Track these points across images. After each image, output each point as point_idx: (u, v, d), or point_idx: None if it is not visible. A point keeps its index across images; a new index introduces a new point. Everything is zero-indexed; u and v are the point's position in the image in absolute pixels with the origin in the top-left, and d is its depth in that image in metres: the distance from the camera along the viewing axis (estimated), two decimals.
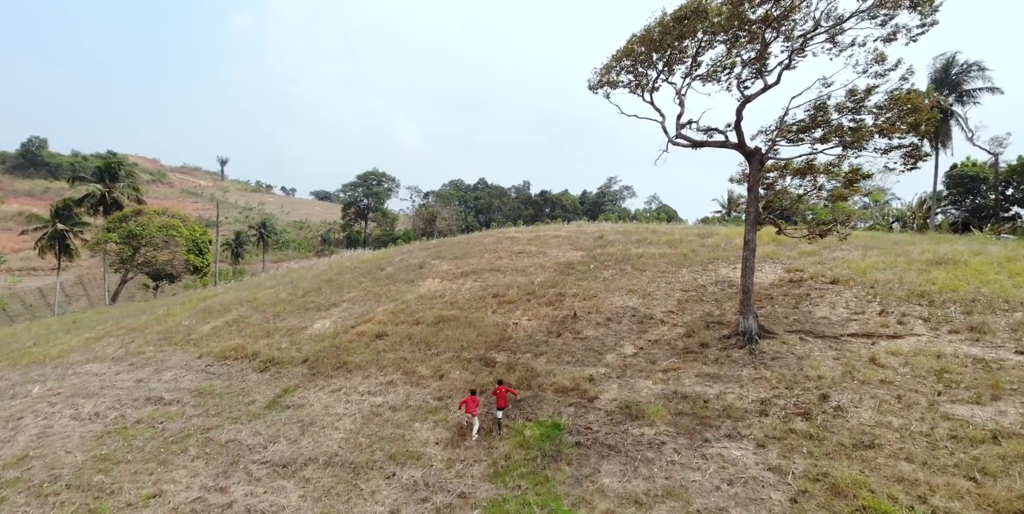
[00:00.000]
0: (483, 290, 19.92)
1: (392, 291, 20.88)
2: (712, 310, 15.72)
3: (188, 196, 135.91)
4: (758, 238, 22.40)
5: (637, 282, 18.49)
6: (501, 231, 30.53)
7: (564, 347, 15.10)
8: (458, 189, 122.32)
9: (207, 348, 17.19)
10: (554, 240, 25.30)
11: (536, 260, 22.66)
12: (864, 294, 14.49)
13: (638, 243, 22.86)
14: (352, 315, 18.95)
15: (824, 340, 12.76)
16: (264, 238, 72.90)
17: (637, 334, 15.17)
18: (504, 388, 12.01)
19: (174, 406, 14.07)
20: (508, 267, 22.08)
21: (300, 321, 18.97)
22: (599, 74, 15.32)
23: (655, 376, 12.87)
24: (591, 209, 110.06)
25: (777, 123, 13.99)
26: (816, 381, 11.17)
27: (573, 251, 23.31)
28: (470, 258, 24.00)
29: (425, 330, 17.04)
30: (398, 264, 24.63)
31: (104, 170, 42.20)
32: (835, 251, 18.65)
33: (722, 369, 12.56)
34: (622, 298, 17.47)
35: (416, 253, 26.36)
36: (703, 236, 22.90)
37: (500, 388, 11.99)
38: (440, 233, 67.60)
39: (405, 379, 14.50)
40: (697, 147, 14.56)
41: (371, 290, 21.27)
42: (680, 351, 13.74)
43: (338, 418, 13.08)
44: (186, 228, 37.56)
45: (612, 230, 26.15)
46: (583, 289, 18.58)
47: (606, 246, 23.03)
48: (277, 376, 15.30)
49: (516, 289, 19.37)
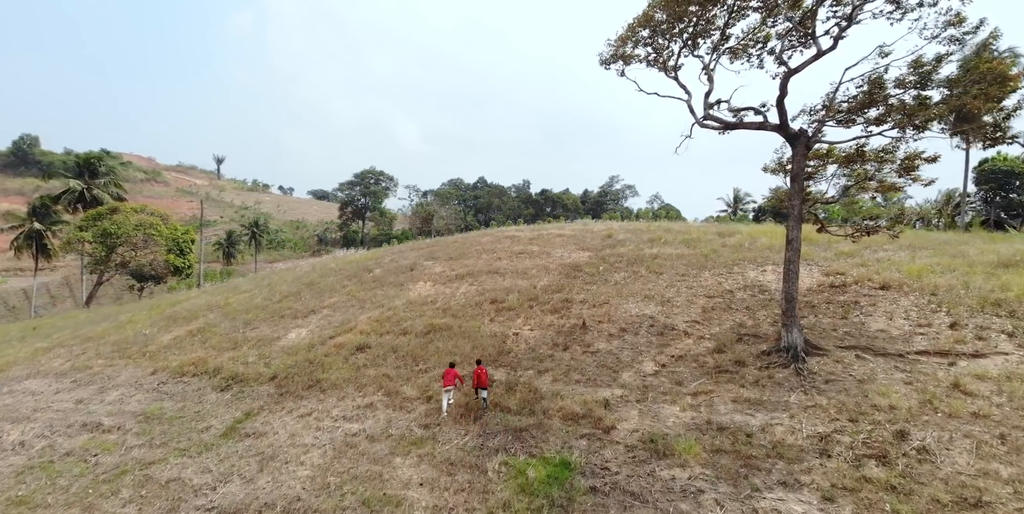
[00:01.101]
0: (480, 295, 17.81)
1: (378, 296, 18.77)
2: (744, 320, 13.61)
3: (183, 195, 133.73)
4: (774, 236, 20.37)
5: (654, 287, 16.38)
6: (500, 230, 28.42)
7: (572, 363, 13.00)
8: (457, 188, 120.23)
9: (163, 362, 15.07)
10: (558, 239, 23.19)
11: (539, 261, 20.56)
12: (925, 303, 12.37)
13: (651, 243, 20.75)
14: (331, 324, 16.84)
15: (887, 359, 10.64)
16: (256, 238, 70.65)
17: (658, 348, 13.06)
18: (484, 368, 11.51)
19: (113, 434, 11.96)
20: (508, 269, 19.98)
21: (273, 330, 16.85)
22: (613, 46, 13.21)
23: (683, 401, 10.77)
24: (593, 208, 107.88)
25: (825, 101, 11.87)
26: (888, 412, 9.06)
27: (579, 251, 21.20)
28: (466, 259, 21.90)
29: (413, 341, 14.94)
30: (387, 266, 22.51)
31: (83, 165, 40.02)
32: (877, 252, 16.54)
33: (764, 393, 10.46)
34: (637, 305, 15.36)
35: (407, 254, 24.24)
36: (723, 235, 20.79)
37: (480, 368, 11.43)
38: (438, 232, 65.48)
39: (387, 401, 12.40)
40: (728, 130, 12.46)
41: (355, 295, 19.15)
42: (711, 370, 11.63)
43: (305, 450, 10.97)
44: (166, 227, 35.41)
45: (621, 228, 24.04)
46: (592, 294, 16.48)
47: (616, 246, 20.92)
48: (239, 396, 13.18)
49: (517, 294, 17.27)
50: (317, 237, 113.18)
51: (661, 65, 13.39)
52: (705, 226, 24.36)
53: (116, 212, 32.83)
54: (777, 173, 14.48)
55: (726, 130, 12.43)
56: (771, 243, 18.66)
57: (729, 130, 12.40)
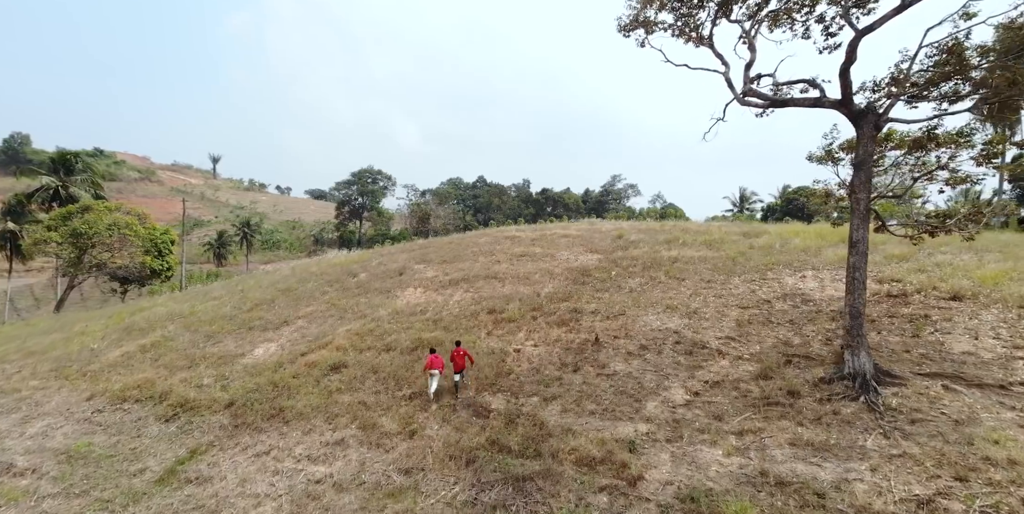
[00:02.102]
0: (476, 304, 15.66)
1: (361, 305, 16.60)
2: (788, 337, 11.46)
3: (177, 194, 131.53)
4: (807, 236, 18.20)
5: (676, 295, 14.23)
6: (499, 230, 26.23)
7: (585, 388, 10.85)
8: (456, 187, 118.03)
9: (105, 384, 12.92)
10: (563, 240, 21.04)
11: (542, 265, 18.41)
12: (1015, 317, 10.22)
13: (668, 244, 18.60)
14: (305, 337, 14.68)
15: (985, 391, 8.49)
16: (248, 238, 68.40)
17: (687, 371, 10.91)
18: (463, 350, 11.10)
19: (26, 478, 9.80)
20: (508, 274, 17.82)
21: (238, 345, 14.69)
22: (634, 8, 11.04)
23: (726, 442, 8.62)
24: (595, 208, 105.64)
25: (895, 73, 9.70)
26: (1008, 469, 6.90)
27: (587, 254, 19.05)
28: (461, 262, 19.74)
29: (397, 360, 12.78)
30: (374, 270, 20.35)
31: (58, 162, 37.78)
32: (933, 254, 14.39)
33: (831, 434, 8.30)
34: (659, 317, 13.21)
35: (397, 256, 22.07)
36: (749, 235, 18.64)
37: (459, 350, 11.03)
38: (435, 232, 63.32)
39: (362, 436, 10.24)
40: (773, 108, 10.31)
41: (336, 303, 16.98)
42: (757, 401, 9.47)
43: (256, 503, 8.82)
44: (144, 227, 33.21)
45: (632, 228, 21.89)
46: (605, 304, 14.33)
47: (628, 248, 18.77)
48: (186, 429, 11.02)
49: (518, 303, 15.12)
50: (313, 237, 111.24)
51: (689, 34, 11.23)
52: (727, 226, 22.24)
53: (88, 211, 30.66)
54: (824, 162, 12.33)
55: (771, 108, 10.27)
56: (806, 245, 16.52)
57: (774, 108, 10.25)
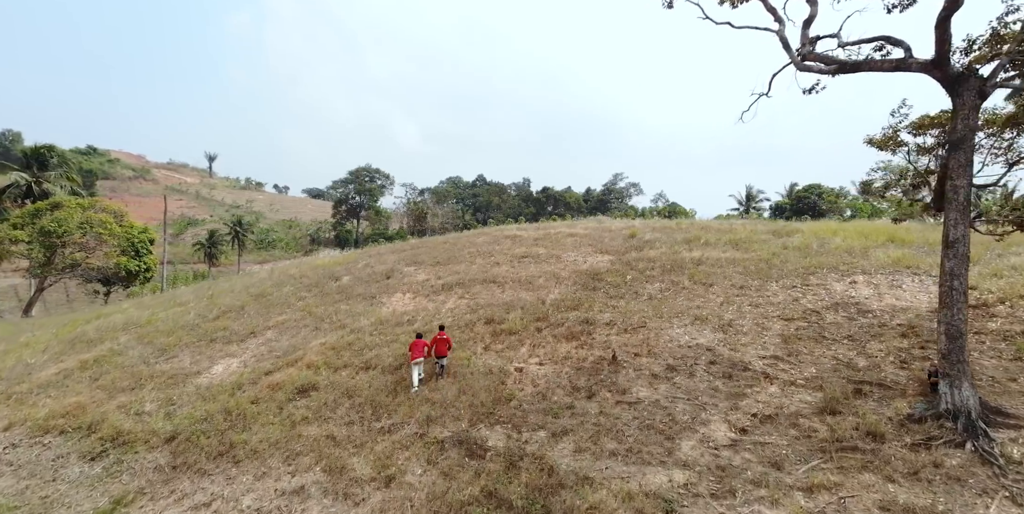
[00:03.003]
0: (472, 312, 13.65)
1: (341, 313, 14.57)
2: (849, 356, 9.44)
3: (172, 193, 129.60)
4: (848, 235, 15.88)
5: (704, 303, 12.22)
6: (499, 228, 24.19)
7: (603, 421, 8.83)
8: (456, 186, 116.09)
9: (28, 410, 10.90)
10: (569, 240, 19.01)
11: (547, 267, 16.39)
12: None
13: (688, 244, 16.58)
14: (273, 352, 12.66)
15: None
16: (239, 237, 66.24)
17: (728, 399, 8.88)
18: (446, 336, 10.86)
19: None
20: (508, 277, 15.80)
21: (194, 361, 12.66)
22: None
23: (792, 501, 6.61)
24: (596, 207, 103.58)
25: (997, 27, 7.66)
26: None
27: (597, 255, 17.03)
28: (456, 264, 17.71)
29: (376, 381, 10.76)
30: (359, 272, 18.30)
31: (31, 156, 35.74)
32: (1006, 256, 12.37)
33: (936, 496, 6.28)
34: (686, 330, 11.20)
35: (386, 257, 20.02)
36: (779, 234, 16.60)
37: (442, 334, 10.80)
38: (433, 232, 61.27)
39: (326, 483, 8.22)
40: (841, 74, 8.26)
41: (312, 311, 14.95)
42: (826, 444, 7.45)
43: None
44: (120, 225, 31.08)
45: (646, 227, 19.86)
46: (621, 313, 12.31)
47: (643, 248, 16.75)
48: (114, 471, 9.00)
49: (520, 312, 13.11)
50: (310, 237, 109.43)
51: None
52: (752, 224, 20.19)
53: (58, 208, 28.57)
54: (886, 148, 10.27)
55: (838, 74, 8.23)
56: (848, 245, 14.50)
57: (842, 74, 8.21)
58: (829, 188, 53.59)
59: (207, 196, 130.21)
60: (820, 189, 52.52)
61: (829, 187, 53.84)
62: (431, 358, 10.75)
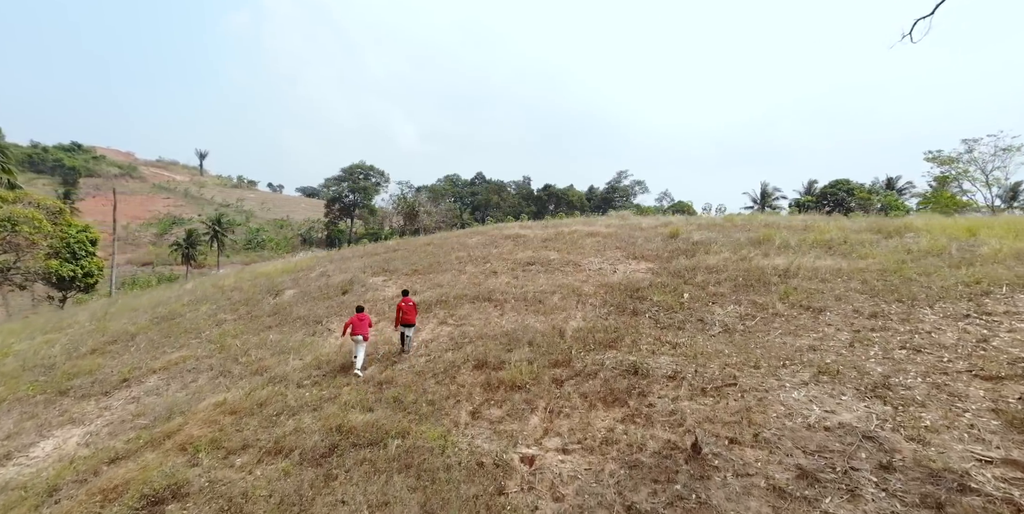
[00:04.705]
0: (455, 348, 9.10)
1: (266, 347, 10.01)
2: None
3: (159, 191, 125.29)
4: (998, 233, 11.19)
5: (821, 342, 7.65)
6: (497, 227, 19.52)
7: None
8: (454, 184, 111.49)
9: None
10: (589, 241, 14.42)
11: (562, 278, 11.82)
12: None
13: (758, 247, 11.99)
14: (141, 416, 8.10)
15: None
16: (219, 237, 61.48)
17: None
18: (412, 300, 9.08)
19: None
20: (509, 293, 11.24)
21: (12, 432, 8.10)
22: None
23: None
24: (600, 206, 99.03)
25: None
26: None
27: (631, 261, 12.46)
28: (439, 273, 13.15)
29: (291, 482, 6.19)
30: (309, 284, 13.72)
31: None
32: None
33: None
34: (811, 393, 6.63)
35: (351, 263, 15.42)
36: (884, 233, 11.99)
37: (406, 300, 9.00)
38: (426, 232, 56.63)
39: None
40: None
41: (226, 343, 10.40)
42: None
43: None
44: (55, 224, 26.56)
45: (689, 224, 15.26)
46: (687, 356, 7.74)
47: (694, 252, 12.17)
48: None
49: (528, 350, 8.57)
50: (300, 237, 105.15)
51: None
52: (840, 220, 15.51)
53: None
54: None
55: None
56: (1017, 248, 9.89)
57: None
58: (859, 184, 48.97)
59: (196, 194, 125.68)
60: (849, 185, 47.90)
61: (859, 183, 49.21)
62: None
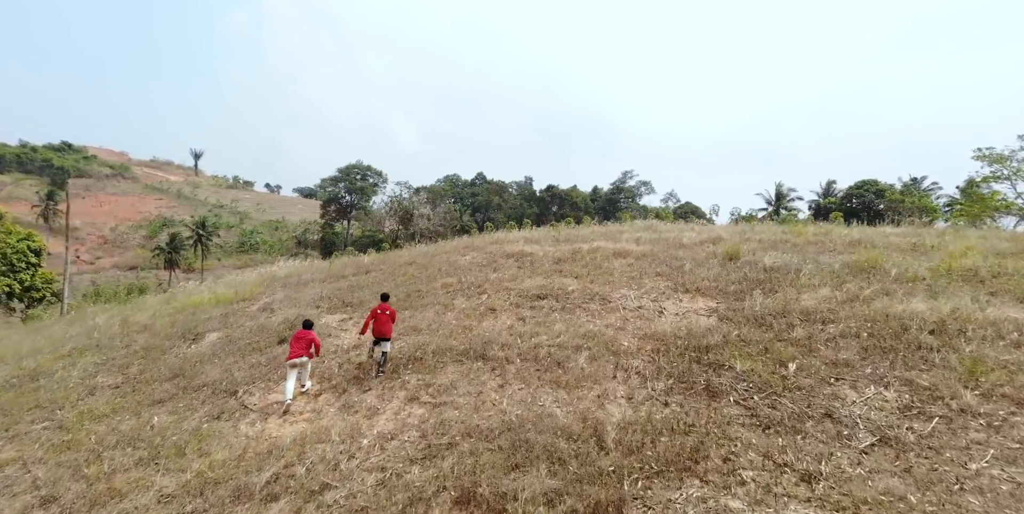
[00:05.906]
0: (427, 457, 5.62)
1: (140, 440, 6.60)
2: None
3: (152, 192, 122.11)
4: None
5: None
6: (496, 238, 15.91)
7: None
8: (454, 185, 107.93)
9: None
10: (617, 264, 10.89)
11: (587, 323, 8.33)
12: None
13: (868, 279, 8.47)
14: None
15: None
16: (203, 241, 58.11)
17: None
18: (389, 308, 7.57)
19: None
20: (513, 346, 7.76)
21: None
22: None
23: None
24: (604, 207, 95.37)
25: None
26: None
27: (681, 296, 8.95)
28: (418, 310, 9.69)
29: None
30: (243, 325, 10.18)
31: None
32: None
33: None
34: None
35: (308, 290, 11.90)
36: None
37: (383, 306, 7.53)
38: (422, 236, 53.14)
39: None
40: None
41: (81, 433, 6.98)
42: None
43: None
44: None
45: (741, 238, 11.72)
46: (837, 506, 4.25)
47: (772, 285, 8.66)
48: None
49: (547, 467, 5.07)
50: (296, 239, 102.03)
51: None
52: (984, 232, 11.75)
53: None
54: None
55: None
56: None
57: None
58: (887, 184, 45.33)
59: (189, 195, 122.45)
60: (878, 185, 44.28)
61: (888, 184, 45.56)
62: None
